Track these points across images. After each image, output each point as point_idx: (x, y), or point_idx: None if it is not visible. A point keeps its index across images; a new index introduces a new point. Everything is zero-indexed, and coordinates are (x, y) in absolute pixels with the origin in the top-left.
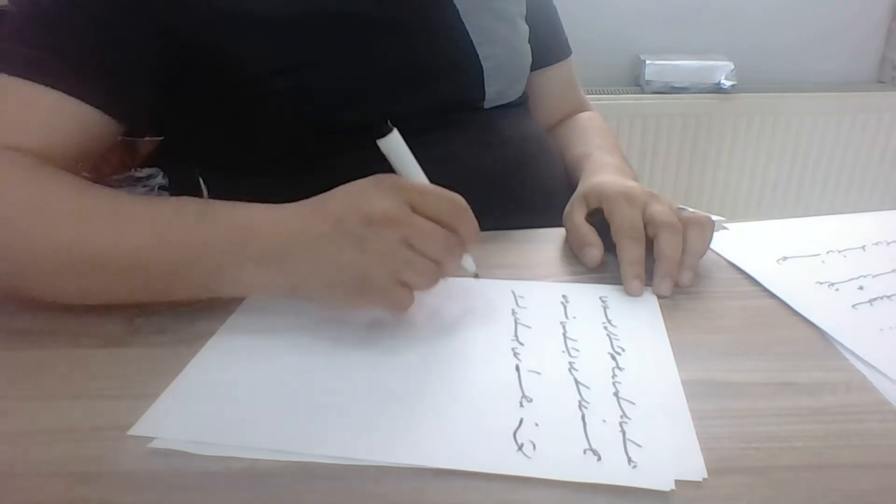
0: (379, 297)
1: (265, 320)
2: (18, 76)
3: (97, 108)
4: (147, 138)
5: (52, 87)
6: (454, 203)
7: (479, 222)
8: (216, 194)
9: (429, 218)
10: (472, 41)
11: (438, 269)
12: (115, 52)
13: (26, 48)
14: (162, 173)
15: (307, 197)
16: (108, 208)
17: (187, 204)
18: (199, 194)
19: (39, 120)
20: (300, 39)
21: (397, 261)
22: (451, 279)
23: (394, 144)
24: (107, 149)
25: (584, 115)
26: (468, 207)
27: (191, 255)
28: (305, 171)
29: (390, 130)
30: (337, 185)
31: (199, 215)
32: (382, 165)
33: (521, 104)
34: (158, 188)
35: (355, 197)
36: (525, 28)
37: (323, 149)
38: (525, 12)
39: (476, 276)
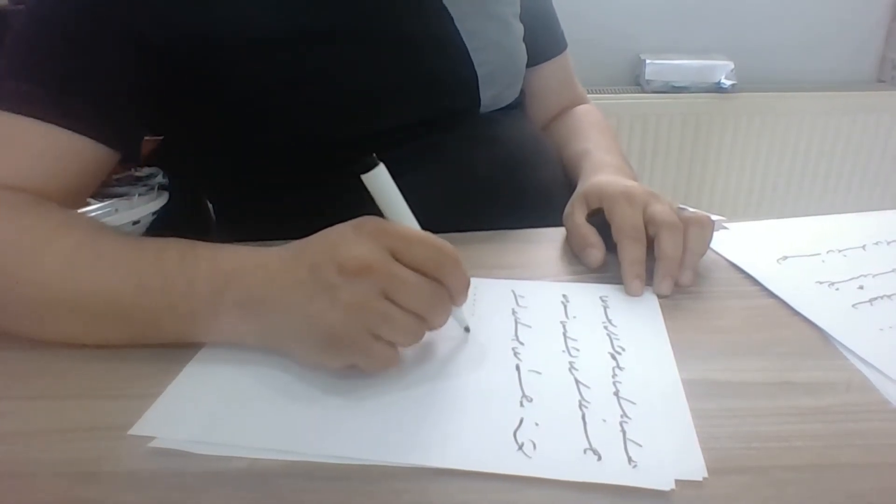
0: (353, 354)
1: None
2: (8, 111)
3: (89, 137)
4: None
5: (42, 120)
6: (441, 251)
7: (477, 223)
8: (216, 200)
9: (412, 267)
10: (466, 48)
11: (421, 324)
12: (103, 79)
13: (14, 81)
14: (162, 173)
15: (306, 209)
16: (89, 251)
17: (170, 248)
18: (199, 194)
19: (33, 154)
20: (292, 56)
21: (372, 314)
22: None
23: (379, 181)
24: (105, 177)
25: (581, 108)
26: (457, 257)
27: (168, 302)
28: (304, 186)
29: (376, 165)
30: (334, 198)
31: (181, 259)
32: None
33: (517, 106)
34: (158, 187)
35: (332, 242)
36: (519, 27)
37: (318, 161)
38: (519, 11)
39: (467, 329)
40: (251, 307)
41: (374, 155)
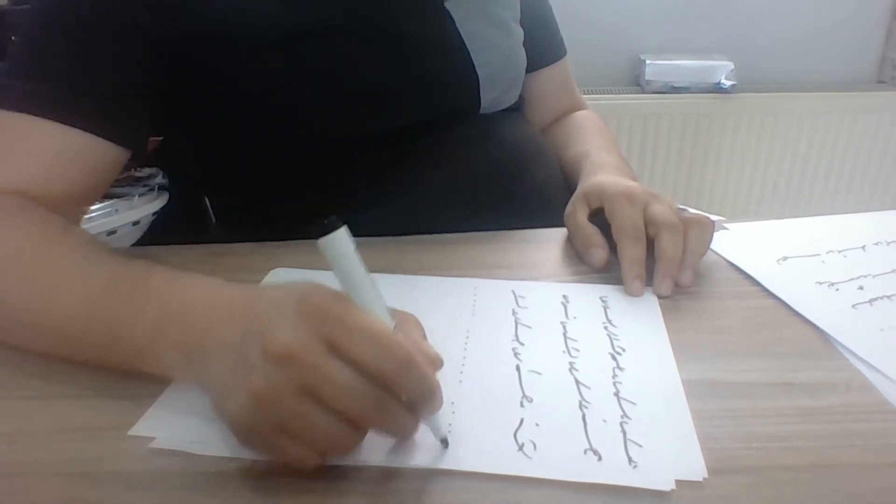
0: (262, 448)
1: None
2: (17, 110)
3: (101, 136)
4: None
5: (54, 120)
6: (389, 349)
7: (476, 224)
8: (217, 201)
9: (351, 362)
10: (467, 49)
11: (350, 432)
12: (111, 77)
13: (22, 81)
14: (162, 173)
15: (306, 209)
16: (51, 272)
17: (126, 277)
18: (199, 195)
19: (45, 154)
20: (295, 54)
21: (282, 409)
22: (455, 280)
23: (339, 247)
24: (113, 178)
25: (580, 113)
26: (412, 357)
27: (115, 335)
28: (304, 185)
29: (339, 226)
30: (334, 198)
31: (132, 290)
32: (380, 178)
33: (515, 109)
34: (158, 188)
35: (270, 313)
36: (519, 32)
37: (318, 161)
38: (519, 16)
39: (444, 442)
40: (187, 351)
41: (335, 216)
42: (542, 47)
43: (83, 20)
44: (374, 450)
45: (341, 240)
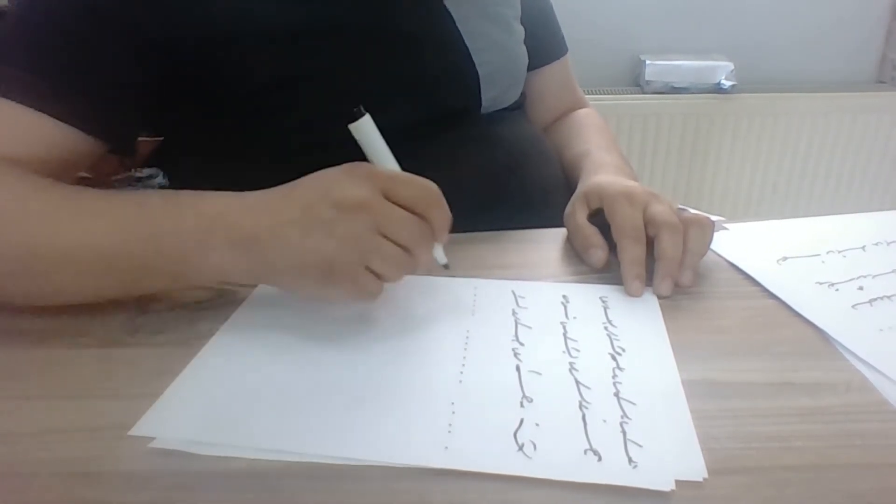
0: (346, 284)
1: (266, 320)
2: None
3: (77, 127)
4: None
5: (33, 108)
6: (427, 190)
7: (477, 223)
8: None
9: (400, 205)
10: (468, 48)
11: (408, 258)
12: (99, 72)
13: (7, 67)
14: (162, 173)
15: None
16: (72, 205)
17: (152, 195)
18: None
19: (18, 138)
20: (295, 52)
21: (366, 247)
22: (453, 280)
23: (366, 130)
24: (90, 164)
25: (581, 112)
26: (440, 195)
27: (155, 247)
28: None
29: (362, 115)
30: None
31: (164, 206)
32: None
33: (517, 108)
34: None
35: (326, 183)
36: (520, 30)
37: (318, 160)
38: (520, 14)
39: (446, 266)
40: (243, 244)
41: (361, 106)
42: (543, 45)
43: (77, 14)
44: (375, 449)
45: (367, 123)
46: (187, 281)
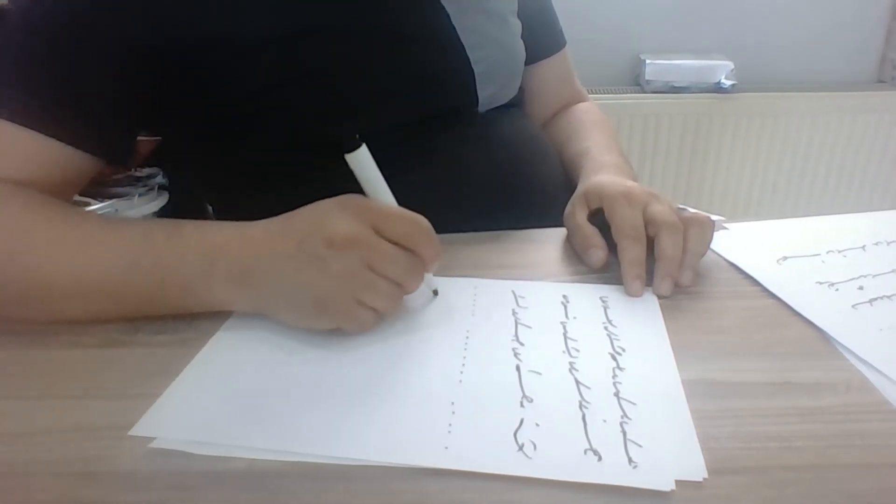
0: (339, 318)
1: (266, 321)
2: None
3: (70, 144)
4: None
5: (24, 126)
6: (416, 225)
7: (477, 223)
8: (216, 200)
9: (391, 241)
10: (463, 46)
11: (399, 291)
12: (92, 87)
13: (1, 87)
14: (162, 173)
15: (306, 205)
16: (78, 234)
17: (156, 226)
18: (199, 195)
19: (13, 157)
20: (290, 56)
21: (358, 283)
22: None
23: (361, 160)
24: (86, 182)
25: (581, 106)
26: (430, 229)
27: (160, 278)
28: (301, 185)
29: (359, 145)
30: (332, 197)
31: (168, 238)
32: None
33: (515, 105)
34: (158, 188)
35: (319, 218)
36: (517, 25)
37: (315, 161)
38: (516, 8)
39: (435, 293)
40: (240, 278)
41: (358, 136)
42: (541, 39)
43: (66, 29)
44: (375, 449)
45: (363, 153)
46: (189, 309)
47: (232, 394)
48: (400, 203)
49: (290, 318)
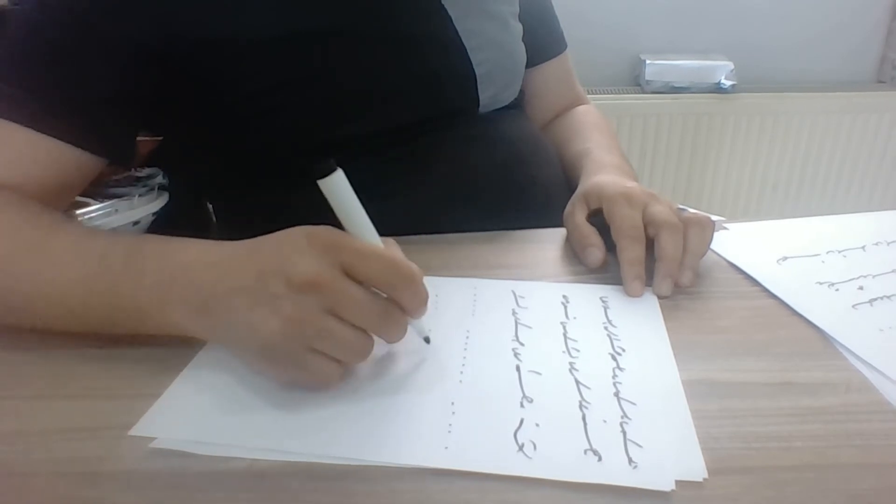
0: (289, 367)
1: None
2: None
3: (71, 143)
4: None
5: (26, 125)
6: (394, 268)
7: (477, 223)
8: (216, 200)
9: (364, 282)
10: (465, 48)
11: (366, 340)
12: (90, 87)
13: (2, 85)
14: (162, 173)
15: (305, 209)
16: (41, 251)
17: (118, 246)
18: (199, 194)
19: (13, 157)
20: (290, 56)
21: (311, 330)
22: (450, 281)
23: (336, 187)
24: (90, 181)
25: (581, 108)
26: (413, 272)
27: (114, 303)
28: (302, 185)
29: (333, 170)
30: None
31: (126, 259)
32: (379, 178)
33: (516, 106)
34: (158, 188)
35: (286, 251)
36: (518, 27)
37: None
38: (518, 11)
39: (427, 340)
40: (197, 306)
41: (332, 160)
42: (542, 42)
43: (69, 29)
44: (375, 449)
45: (339, 180)
46: (148, 332)
47: (232, 393)
48: (401, 206)
49: (242, 359)
